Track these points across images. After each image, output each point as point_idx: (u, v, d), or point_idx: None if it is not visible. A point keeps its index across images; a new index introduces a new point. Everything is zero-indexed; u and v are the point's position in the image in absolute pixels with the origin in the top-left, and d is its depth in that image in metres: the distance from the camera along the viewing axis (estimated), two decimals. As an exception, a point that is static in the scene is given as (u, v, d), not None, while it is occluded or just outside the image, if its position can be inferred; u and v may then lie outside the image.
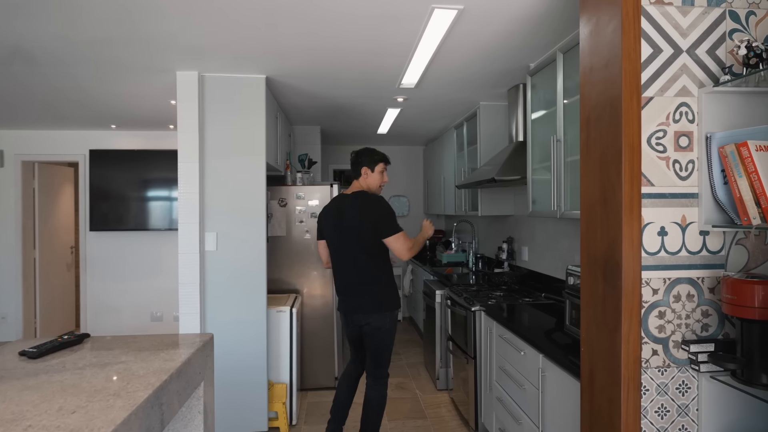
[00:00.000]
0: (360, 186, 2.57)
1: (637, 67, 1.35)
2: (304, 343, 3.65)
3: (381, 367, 2.57)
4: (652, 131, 1.37)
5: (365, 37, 2.29)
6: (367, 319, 2.47)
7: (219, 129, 2.83)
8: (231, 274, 2.84)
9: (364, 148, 2.63)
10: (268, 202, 3.51)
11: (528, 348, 2.13)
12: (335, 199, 2.63)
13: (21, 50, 2.38)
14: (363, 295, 2.48)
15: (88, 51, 2.42)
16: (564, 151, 2.33)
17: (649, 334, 1.37)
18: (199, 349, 1.24)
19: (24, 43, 2.29)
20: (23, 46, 2.32)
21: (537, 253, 3.36)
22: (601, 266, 1.45)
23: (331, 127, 4.73)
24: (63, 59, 2.53)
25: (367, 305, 2.47)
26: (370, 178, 2.56)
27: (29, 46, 2.34)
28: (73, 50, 2.40)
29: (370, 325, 2.47)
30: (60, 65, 2.62)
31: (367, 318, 2.47)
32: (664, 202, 1.37)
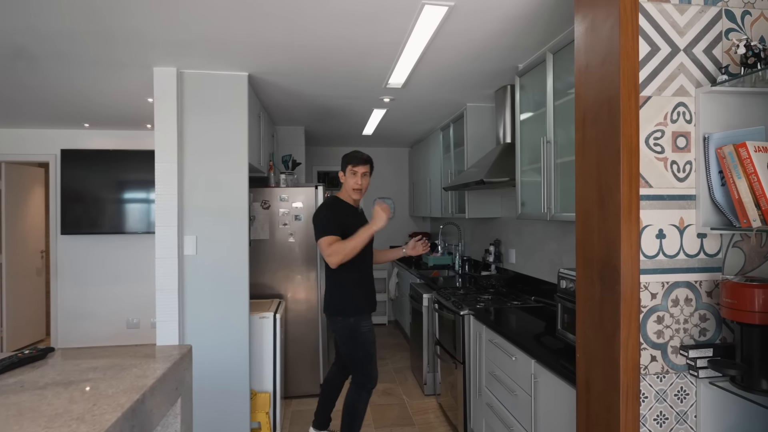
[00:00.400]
0: (341, 191, 2.62)
1: (635, 65, 1.31)
2: (288, 350, 3.55)
3: (356, 373, 2.55)
4: (650, 131, 1.33)
5: (353, 33, 2.23)
6: (327, 320, 2.60)
7: (199, 128, 2.72)
8: (211, 280, 2.73)
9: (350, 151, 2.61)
10: (251, 204, 3.41)
11: (519, 353, 2.09)
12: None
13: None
14: (326, 295, 2.60)
15: (55, 44, 2.29)
16: (554, 152, 2.30)
17: (647, 339, 1.34)
18: (176, 363, 1.15)
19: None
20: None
21: (525, 255, 3.33)
22: (598, 270, 1.41)
23: (315, 127, 4.64)
24: (30, 53, 2.40)
25: (326, 307, 2.58)
26: (345, 183, 2.57)
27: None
28: (38, 43, 2.27)
29: (329, 327, 2.60)
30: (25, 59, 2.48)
31: (328, 319, 2.59)
32: (662, 204, 1.34)
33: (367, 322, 2.54)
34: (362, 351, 2.51)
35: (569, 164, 2.22)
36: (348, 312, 2.48)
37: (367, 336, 2.52)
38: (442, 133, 4.41)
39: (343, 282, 2.50)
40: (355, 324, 2.48)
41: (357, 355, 2.51)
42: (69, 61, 2.51)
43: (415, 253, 2.71)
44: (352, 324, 2.48)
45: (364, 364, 2.52)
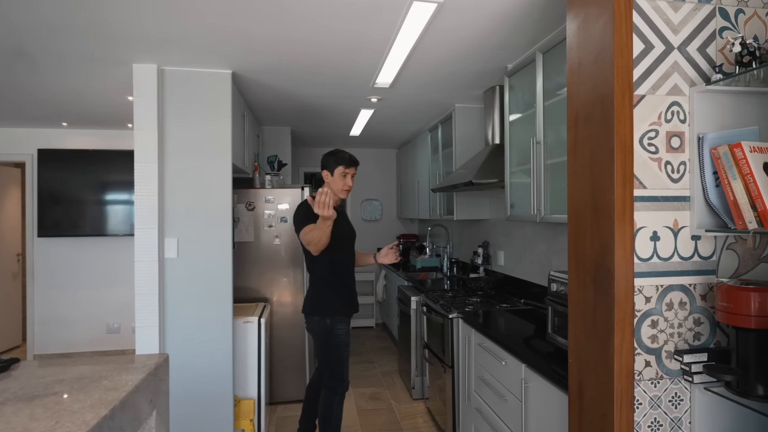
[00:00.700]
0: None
1: (629, 63, 1.28)
2: (273, 354, 3.47)
3: (327, 375, 2.48)
4: (644, 131, 1.30)
5: (340, 29, 2.17)
6: (305, 319, 2.56)
7: (181, 127, 2.64)
8: (193, 284, 2.65)
9: (330, 150, 2.50)
10: (235, 205, 3.33)
11: (509, 357, 2.05)
12: None
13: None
14: (306, 295, 2.58)
15: (26, 38, 2.19)
16: (544, 153, 2.27)
17: (642, 344, 1.30)
18: (150, 374, 1.08)
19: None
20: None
21: (513, 257, 3.30)
22: (591, 273, 1.38)
23: (302, 128, 4.57)
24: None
25: (304, 306, 2.56)
26: (332, 182, 2.45)
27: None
28: (6, 37, 2.17)
29: (306, 326, 2.58)
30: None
31: (305, 319, 2.56)
32: (656, 206, 1.31)
33: (343, 324, 2.48)
34: (335, 353, 2.45)
35: (559, 165, 2.19)
36: (325, 312, 2.44)
37: (341, 339, 2.47)
38: (430, 134, 4.38)
39: (323, 282, 2.46)
40: (330, 325, 2.43)
41: (329, 357, 2.45)
42: (42, 57, 2.41)
43: (387, 261, 2.64)
44: (328, 325, 2.43)
45: (335, 367, 2.46)
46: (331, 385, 2.47)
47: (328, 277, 2.47)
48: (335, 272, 2.49)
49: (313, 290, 2.49)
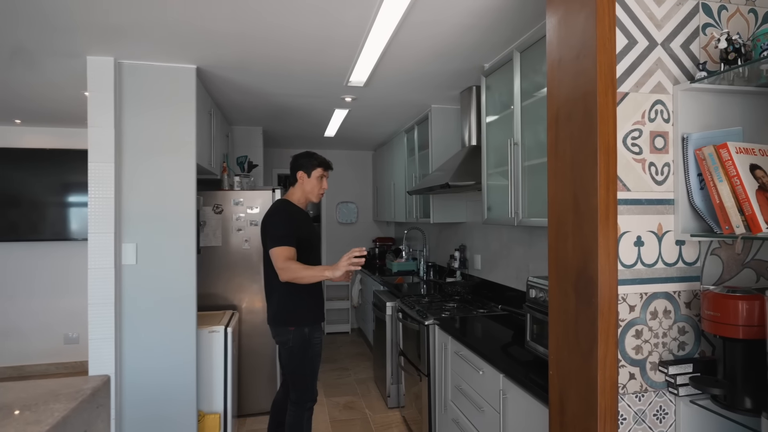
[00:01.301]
0: (293, 193, 2.38)
1: (612, 59, 1.21)
2: (242, 365, 3.31)
3: (295, 390, 2.32)
4: (627, 130, 1.24)
5: (309, 22, 2.06)
6: (273, 331, 2.35)
7: (141, 124, 2.48)
8: (154, 292, 2.48)
9: (305, 152, 2.41)
10: (201, 208, 3.17)
11: (487, 367, 1.97)
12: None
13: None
14: (270, 305, 2.34)
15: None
16: (522, 155, 2.21)
17: (626, 356, 1.23)
18: (85, 401, 0.95)
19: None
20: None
21: (490, 261, 3.24)
22: (573, 280, 1.30)
23: (274, 128, 4.43)
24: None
25: (275, 317, 2.31)
26: (307, 184, 2.35)
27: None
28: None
29: (275, 339, 2.34)
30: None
31: (272, 330, 2.35)
32: (640, 209, 1.24)
33: (319, 333, 2.37)
34: (309, 366, 2.31)
35: (537, 167, 2.13)
36: (303, 321, 2.28)
37: (317, 349, 2.35)
38: (406, 136, 4.29)
39: (298, 289, 2.28)
40: (309, 334, 2.29)
41: (304, 369, 2.30)
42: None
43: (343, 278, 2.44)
44: (306, 335, 2.28)
45: (308, 380, 2.32)
46: (301, 401, 2.31)
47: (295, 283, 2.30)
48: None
49: (286, 298, 2.28)
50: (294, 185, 2.38)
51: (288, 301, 2.29)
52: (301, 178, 2.35)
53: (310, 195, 2.37)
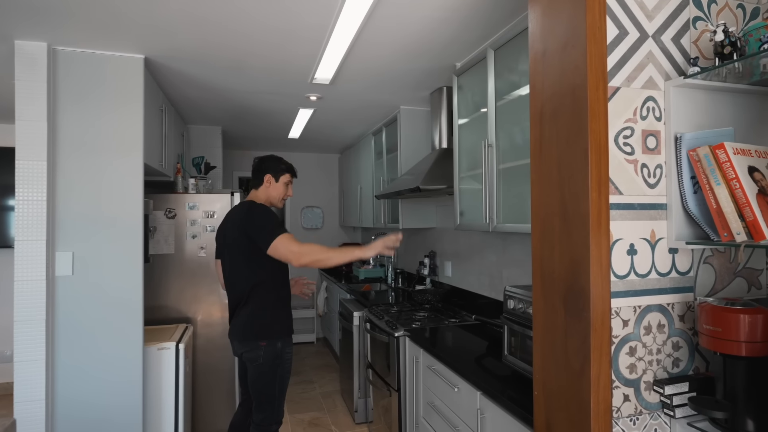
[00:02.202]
0: (256, 196, 2.25)
1: (603, 50, 1.11)
2: (197, 383, 3.06)
3: (260, 412, 2.13)
4: (619, 128, 1.14)
5: (273, 11, 1.88)
6: (239, 347, 2.15)
7: (80, 119, 2.22)
8: (94, 306, 2.22)
9: (270, 155, 2.30)
10: (151, 212, 2.91)
11: (462, 383, 1.84)
12: (229, 212, 2.27)
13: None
14: (238, 317, 2.13)
15: None
16: (496, 157, 2.11)
17: (620, 375, 1.12)
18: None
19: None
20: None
21: (462, 268, 3.13)
22: (561, 293, 1.18)
23: (235, 128, 4.19)
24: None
25: (244, 332, 2.11)
26: (273, 189, 2.24)
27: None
28: None
29: (244, 355, 2.13)
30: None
31: (239, 346, 2.15)
32: (633, 215, 1.14)
33: (290, 347, 2.19)
34: (279, 385, 2.13)
35: (513, 170, 2.03)
36: (276, 334, 2.11)
37: (288, 365, 2.18)
38: (373, 138, 4.15)
39: (272, 301, 2.13)
40: (281, 350, 2.12)
41: (273, 389, 2.11)
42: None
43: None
44: (279, 350, 2.11)
45: (276, 400, 2.14)
46: (265, 422, 2.12)
47: (280, 294, 2.17)
48: (285, 286, 2.21)
49: (259, 311, 2.10)
50: (257, 188, 2.24)
51: (262, 313, 2.10)
52: (269, 182, 2.23)
53: (274, 200, 2.26)
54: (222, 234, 2.24)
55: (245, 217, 2.06)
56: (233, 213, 2.19)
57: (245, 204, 2.14)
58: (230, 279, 2.17)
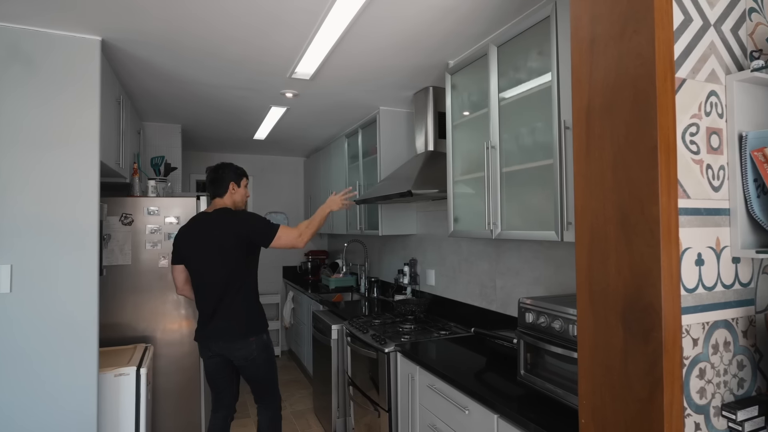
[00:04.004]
0: (224, 203, 2.36)
1: (670, 36, 0.99)
2: (158, 409, 2.72)
3: (270, 396, 2.41)
4: (686, 125, 1.02)
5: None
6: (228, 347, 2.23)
7: (21, 108, 1.88)
8: (38, 328, 1.88)
9: (223, 163, 2.41)
10: (105, 218, 2.56)
11: (474, 404, 1.68)
12: (198, 218, 2.33)
13: None
14: (226, 319, 2.22)
15: None
16: (500, 159, 1.98)
17: (691, 402, 1.00)
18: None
19: None
20: None
21: (447, 276, 2.99)
22: (619, 310, 1.05)
23: (195, 127, 3.85)
24: None
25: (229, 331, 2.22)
26: (237, 194, 2.40)
27: None
28: None
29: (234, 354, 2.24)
30: None
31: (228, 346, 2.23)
32: (699, 221, 1.03)
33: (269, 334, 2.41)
34: (273, 369, 2.38)
35: (520, 174, 1.92)
36: (261, 328, 2.31)
37: (273, 350, 2.41)
38: (347, 140, 3.95)
39: (254, 298, 2.32)
40: (267, 339, 2.35)
41: (270, 374, 2.36)
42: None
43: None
44: (265, 340, 2.33)
45: (275, 383, 2.41)
46: (275, 406, 2.42)
47: (256, 289, 2.36)
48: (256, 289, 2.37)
49: (248, 307, 2.27)
50: (222, 196, 2.36)
51: (251, 310, 2.27)
52: (233, 188, 2.38)
53: (239, 204, 2.41)
54: (194, 240, 2.25)
55: (239, 223, 2.21)
56: (215, 220, 2.25)
57: (227, 211, 2.29)
58: (210, 282, 2.21)
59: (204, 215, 2.30)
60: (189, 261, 2.27)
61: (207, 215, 2.29)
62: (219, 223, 2.22)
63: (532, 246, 2.25)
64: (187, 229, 2.29)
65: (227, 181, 2.34)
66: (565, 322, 1.45)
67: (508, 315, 2.41)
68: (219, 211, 2.27)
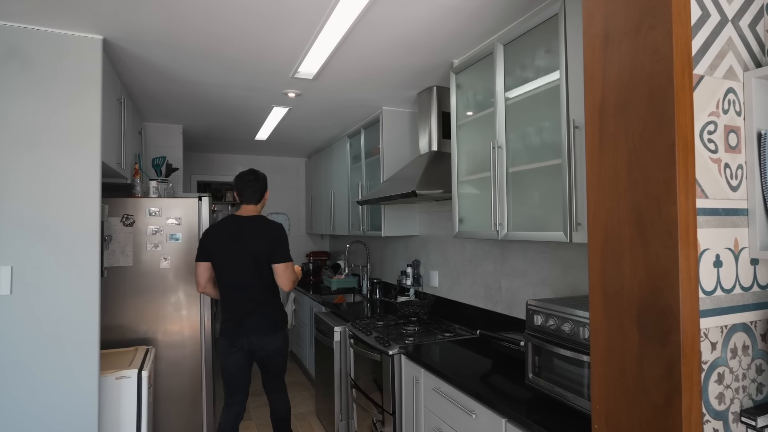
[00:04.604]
0: (256, 210, 2.53)
1: (687, 32, 0.96)
2: (159, 412, 2.69)
3: (281, 383, 2.64)
4: (704, 122, 1.00)
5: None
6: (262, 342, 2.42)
7: (21, 107, 1.86)
8: (38, 331, 1.86)
9: (259, 172, 2.54)
10: (106, 219, 2.54)
11: (481, 408, 1.65)
12: (230, 221, 2.45)
13: None
14: (260, 317, 2.42)
15: None
16: (506, 159, 1.96)
17: (709, 407, 0.97)
18: None
19: None
20: None
21: (451, 278, 2.97)
22: (635, 312, 1.02)
23: (197, 127, 3.83)
24: None
25: (264, 329, 2.42)
26: (264, 201, 2.59)
27: None
28: None
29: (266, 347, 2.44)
30: None
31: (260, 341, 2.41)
32: (717, 221, 1.00)
33: None
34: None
35: (527, 174, 1.89)
36: (285, 325, 2.54)
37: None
38: (349, 141, 3.93)
39: (279, 300, 2.54)
40: (287, 333, 2.57)
41: (286, 365, 2.61)
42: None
43: None
44: (287, 334, 2.55)
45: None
46: (286, 394, 2.65)
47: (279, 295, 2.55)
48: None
49: (278, 304, 2.51)
50: (257, 204, 2.53)
51: (277, 309, 2.49)
52: (265, 197, 2.59)
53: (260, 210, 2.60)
54: (227, 241, 2.38)
55: (276, 235, 2.42)
56: (253, 225, 2.42)
57: (265, 220, 2.47)
58: (246, 282, 2.38)
59: (240, 219, 2.43)
60: (220, 261, 2.38)
61: (244, 219, 2.43)
62: (259, 228, 2.40)
63: (539, 247, 2.22)
64: (221, 231, 2.40)
65: (263, 191, 2.53)
66: (576, 324, 1.42)
67: (513, 317, 2.38)
68: (257, 218, 2.46)
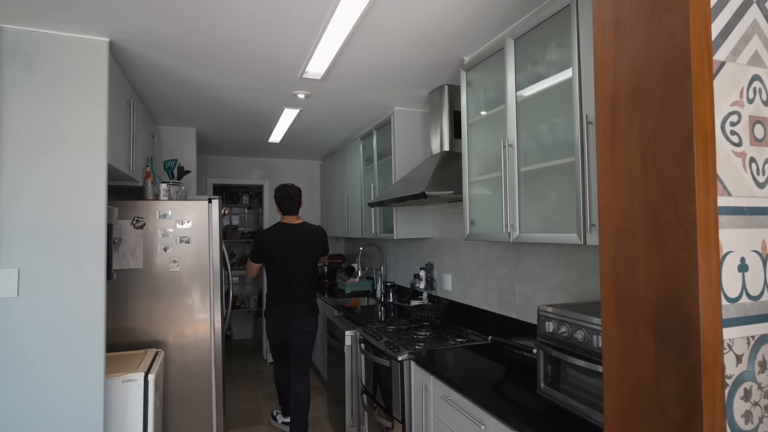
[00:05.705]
0: (298, 218, 3.06)
1: (707, 14, 0.88)
2: (168, 417, 2.68)
3: (306, 365, 3.05)
4: (725, 113, 0.91)
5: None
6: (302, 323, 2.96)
7: (29, 111, 1.87)
8: (43, 333, 1.86)
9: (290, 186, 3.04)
10: (116, 221, 2.55)
11: (490, 419, 1.57)
12: (283, 229, 2.99)
13: None
14: (305, 302, 2.99)
15: None
16: (518, 158, 1.88)
17: (735, 427, 0.88)
18: None
19: None
20: None
21: (464, 282, 2.89)
22: (650, 321, 0.94)
23: (209, 130, 3.85)
24: None
25: (307, 311, 2.99)
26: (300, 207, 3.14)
27: None
28: None
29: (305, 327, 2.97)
30: None
31: (303, 323, 2.96)
32: (742, 221, 0.91)
33: None
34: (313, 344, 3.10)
35: (539, 173, 1.81)
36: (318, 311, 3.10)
37: None
38: (362, 143, 3.89)
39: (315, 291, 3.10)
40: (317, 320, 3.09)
41: (312, 348, 3.06)
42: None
43: None
44: (317, 320, 3.06)
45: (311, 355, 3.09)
46: (307, 371, 3.05)
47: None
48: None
49: (314, 297, 3.07)
50: (297, 213, 3.07)
51: (315, 298, 3.08)
52: (301, 204, 3.10)
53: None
54: (288, 245, 2.94)
55: (324, 240, 3.10)
56: (305, 229, 3.02)
57: (315, 227, 3.09)
58: (298, 278, 2.95)
59: (291, 226, 3.00)
60: (284, 258, 2.91)
61: (294, 226, 3.00)
62: (313, 236, 3.02)
63: (553, 249, 2.13)
64: (280, 236, 2.94)
65: (299, 201, 3.04)
66: (589, 332, 1.34)
67: (528, 323, 2.29)
68: (303, 224, 3.04)
